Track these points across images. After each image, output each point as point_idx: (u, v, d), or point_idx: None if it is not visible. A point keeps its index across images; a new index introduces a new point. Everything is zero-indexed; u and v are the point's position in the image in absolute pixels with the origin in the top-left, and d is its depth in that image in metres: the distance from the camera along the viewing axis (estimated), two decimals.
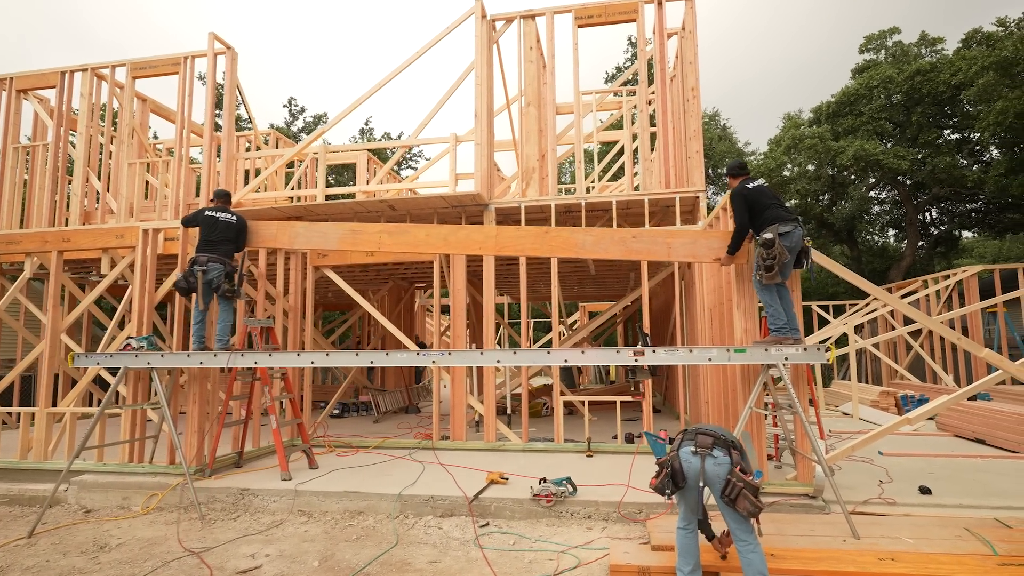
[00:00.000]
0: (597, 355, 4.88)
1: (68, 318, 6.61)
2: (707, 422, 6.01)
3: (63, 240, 6.46)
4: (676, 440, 3.47)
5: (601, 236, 5.25)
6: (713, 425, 3.59)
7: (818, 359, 4.45)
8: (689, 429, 3.47)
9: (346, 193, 9.96)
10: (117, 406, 6.04)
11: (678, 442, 3.43)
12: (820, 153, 13.40)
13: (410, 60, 7.38)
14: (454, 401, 7.30)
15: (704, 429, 3.41)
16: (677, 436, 3.51)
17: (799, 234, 4.67)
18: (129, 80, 8.72)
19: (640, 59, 7.43)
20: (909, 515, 4.52)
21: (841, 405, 11.18)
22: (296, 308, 7.83)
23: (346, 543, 4.65)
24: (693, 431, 3.42)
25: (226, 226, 5.66)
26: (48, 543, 4.84)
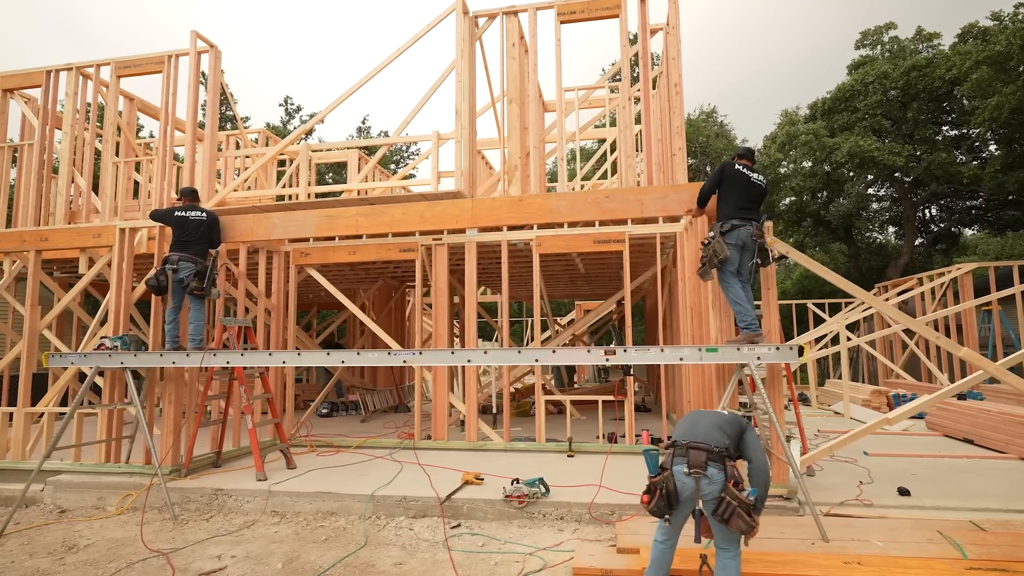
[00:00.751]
0: (569, 355, 4.82)
1: (46, 318, 6.59)
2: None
3: (41, 239, 6.44)
4: (667, 455, 3.20)
5: (575, 199, 5.25)
6: (704, 425, 3.24)
7: (790, 359, 4.38)
8: (679, 442, 3.18)
9: (335, 191, 9.93)
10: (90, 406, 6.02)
11: (670, 458, 3.16)
12: (815, 150, 13.29)
13: (389, 59, 7.33)
14: (436, 401, 7.26)
15: (696, 442, 3.13)
16: (667, 450, 3.23)
17: (747, 231, 4.67)
18: (114, 79, 8.69)
19: (623, 55, 7.35)
20: (884, 517, 4.45)
21: (834, 404, 11.09)
22: (279, 308, 7.80)
23: (314, 544, 4.61)
24: (684, 445, 3.15)
25: (196, 224, 5.62)
26: (16, 543, 4.82)
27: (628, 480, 5.37)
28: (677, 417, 7.94)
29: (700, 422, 3.27)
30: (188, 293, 5.53)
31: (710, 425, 3.24)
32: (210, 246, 5.72)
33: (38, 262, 6.50)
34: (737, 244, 4.68)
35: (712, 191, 4.96)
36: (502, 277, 7.22)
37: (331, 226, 5.81)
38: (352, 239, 7.65)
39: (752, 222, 4.73)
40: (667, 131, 7.50)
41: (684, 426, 3.30)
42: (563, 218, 5.26)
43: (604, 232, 6.97)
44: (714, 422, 3.27)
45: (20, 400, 6.32)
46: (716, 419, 3.28)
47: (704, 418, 3.30)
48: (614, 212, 5.21)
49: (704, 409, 3.47)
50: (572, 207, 5.21)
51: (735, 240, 4.65)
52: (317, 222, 5.82)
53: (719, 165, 4.99)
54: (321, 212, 5.78)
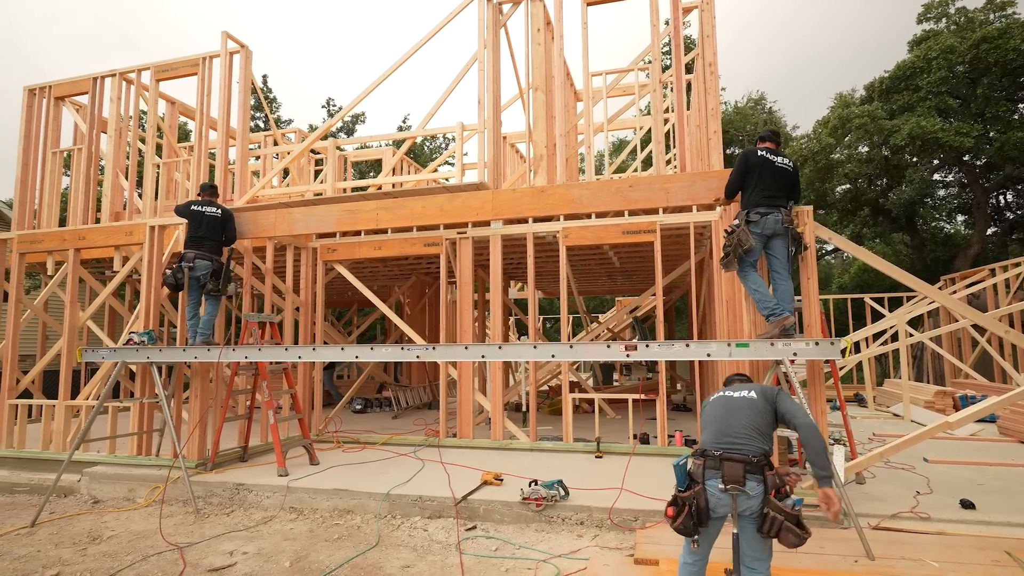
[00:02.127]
0: (586, 350, 4.55)
1: (85, 314, 6.82)
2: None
3: (79, 238, 6.65)
4: (697, 466, 2.79)
5: (598, 188, 4.98)
6: (738, 427, 2.82)
7: (831, 355, 3.95)
8: (711, 452, 2.77)
9: (363, 185, 9.93)
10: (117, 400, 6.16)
11: (700, 470, 2.76)
12: (871, 133, 12.34)
13: (411, 51, 7.21)
14: (461, 398, 7.10)
15: (731, 452, 2.73)
16: (697, 461, 2.81)
17: (775, 219, 4.34)
18: (153, 83, 8.94)
19: (653, 36, 6.96)
20: (943, 533, 3.97)
21: (893, 406, 10.30)
22: (307, 304, 7.83)
23: (326, 543, 4.51)
24: (716, 455, 2.74)
25: (212, 220, 5.65)
26: (47, 533, 4.95)
27: (655, 484, 5.04)
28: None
29: (733, 423, 2.83)
30: (205, 294, 5.56)
31: (746, 427, 2.80)
32: (225, 243, 5.74)
33: (77, 260, 6.72)
34: (763, 233, 4.38)
35: (739, 182, 4.63)
36: (528, 271, 6.98)
37: (352, 220, 5.73)
38: (377, 234, 7.59)
39: (780, 209, 4.39)
40: (703, 114, 7.07)
41: (714, 426, 2.87)
42: (586, 208, 4.98)
43: (633, 222, 6.63)
44: (750, 422, 2.81)
45: (61, 393, 6.56)
46: (751, 417, 2.81)
47: (736, 416, 2.83)
48: (639, 201, 4.90)
49: (730, 394, 2.97)
50: (595, 197, 4.92)
51: (760, 229, 4.38)
52: (338, 216, 5.75)
53: (742, 153, 4.62)
54: (342, 207, 5.71)
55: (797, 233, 4.43)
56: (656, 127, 6.79)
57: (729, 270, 4.51)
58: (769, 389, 2.90)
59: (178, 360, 5.55)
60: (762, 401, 2.83)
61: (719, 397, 2.96)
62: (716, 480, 2.70)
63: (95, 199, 9.22)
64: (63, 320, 6.58)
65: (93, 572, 4.07)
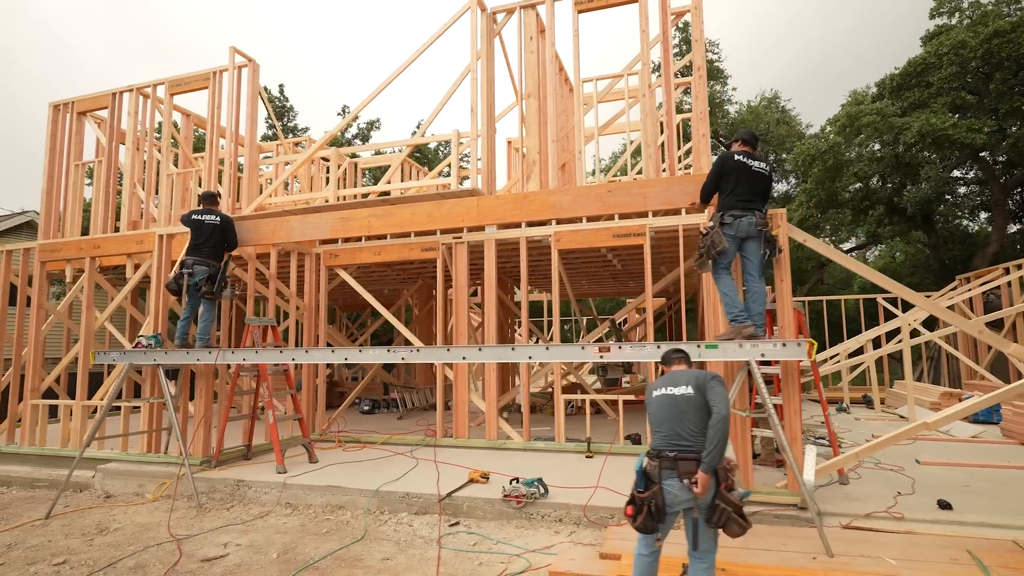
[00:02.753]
0: (562, 351, 4.67)
1: (100, 318, 7.19)
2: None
3: (94, 247, 7.02)
4: (653, 467, 2.93)
5: (578, 194, 5.13)
6: (688, 425, 2.95)
7: (796, 355, 4.03)
8: (665, 452, 2.92)
9: (369, 193, 10.19)
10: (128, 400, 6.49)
11: (657, 471, 2.91)
12: (881, 131, 12.15)
13: (407, 62, 7.42)
14: (457, 399, 7.27)
15: (684, 453, 2.89)
16: (652, 462, 2.94)
17: (749, 222, 4.40)
18: (167, 97, 9.33)
19: (643, 42, 7.06)
20: (912, 532, 4.00)
21: (900, 407, 10.16)
22: (310, 307, 8.09)
23: (314, 536, 4.73)
24: (672, 455, 2.90)
25: (211, 229, 5.92)
26: (59, 524, 5.27)
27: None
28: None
29: (683, 426, 2.95)
30: (200, 297, 5.84)
31: (694, 428, 2.93)
32: (226, 248, 6.00)
33: (93, 268, 7.09)
34: (737, 236, 4.44)
35: (714, 186, 4.70)
36: (521, 274, 7.13)
37: (345, 227, 5.95)
38: (377, 239, 7.82)
39: (755, 212, 4.45)
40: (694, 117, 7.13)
41: (665, 428, 2.99)
42: (566, 214, 5.13)
43: (623, 226, 6.72)
44: (696, 422, 2.93)
45: (78, 394, 6.93)
46: (696, 418, 2.93)
47: (685, 419, 2.94)
48: (617, 206, 5.02)
49: (673, 392, 3.09)
50: (575, 202, 5.06)
51: (734, 231, 4.44)
52: (332, 224, 5.98)
53: (718, 156, 4.70)
54: (336, 214, 5.94)
55: (771, 236, 4.50)
56: (646, 131, 6.88)
57: (703, 271, 4.61)
58: (702, 378, 3.02)
59: (181, 363, 5.84)
60: (699, 396, 2.96)
61: (664, 396, 3.06)
62: (673, 479, 2.86)
63: (114, 209, 9.66)
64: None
65: (96, 561, 4.35)
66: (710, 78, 21.36)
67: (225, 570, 4.12)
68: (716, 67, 21.23)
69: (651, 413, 3.08)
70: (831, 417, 9.74)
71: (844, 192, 13.89)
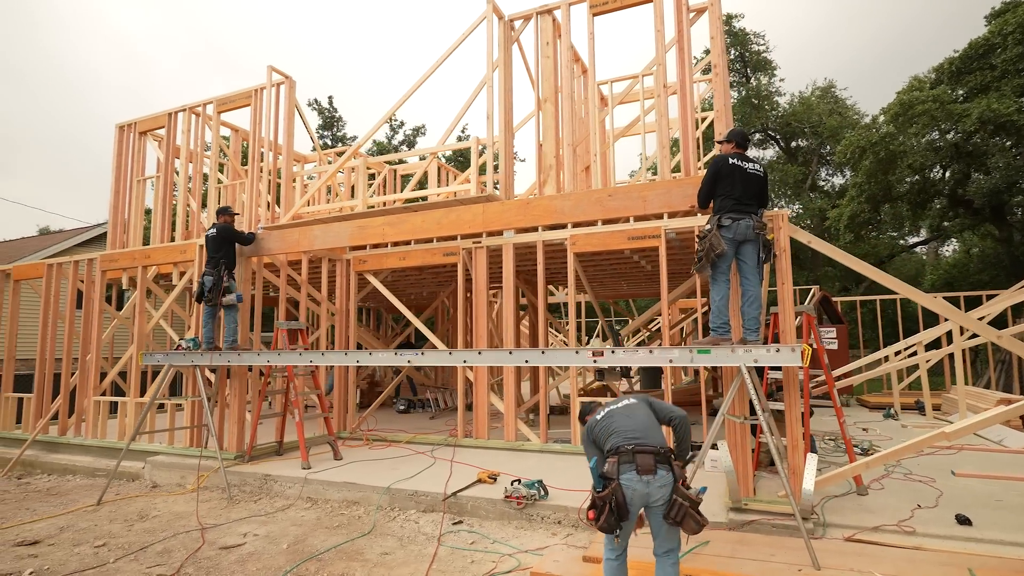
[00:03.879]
0: (557, 356, 4.72)
1: (150, 324, 7.82)
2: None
3: (145, 257, 7.65)
4: (611, 464, 2.93)
5: (579, 199, 5.18)
6: (641, 422, 3.05)
7: (790, 361, 3.92)
8: (623, 447, 2.94)
9: (396, 200, 10.53)
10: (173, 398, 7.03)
11: (615, 467, 2.91)
12: (938, 119, 11.36)
13: (428, 73, 7.65)
14: (476, 400, 7.43)
15: (641, 444, 2.94)
16: (611, 459, 2.95)
17: (746, 224, 4.29)
18: (215, 114, 9.99)
19: (658, 42, 6.97)
20: (920, 548, 3.81)
21: (954, 414, 9.50)
22: (342, 311, 8.48)
23: (326, 529, 5.00)
24: (629, 449, 2.93)
25: (211, 239, 6.34)
26: (107, 511, 5.81)
27: None
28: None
29: (635, 423, 3.03)
30: (205, 303, 6.25)
31: (647, 424, 3.03)
32: (223, 258, 6.32)
33: (144, 276, 7.72)
34: (734, 239, 4.38)
35: (710, 191, 4.63)
36: (538, 277, 7.20)
37: (362, 235, 6.23)
38: (402, 245, 8.09)
39: (751, 215, 4.37)
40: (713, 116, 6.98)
41: (619, 428, 3.03)
42: (568, 218, 5.18)
43: (639, 228, 6.65)
44: (648, 419, 3.06)
45: (131, 392, 7.56)
46: (646, 416, 3.06)
47: (635, 417, 3.04)
48: (617, 210, 5.03)
49: (615, 407, 3.18)
50: (576, 207, 5.11)
51: (732, 234, 4.36)
52: (350, 232, 6.28)
53: (713, 161, 4.62)
54: (353, 223, 6.23)
55: (767, 240, 4.40)
56: (660, 133, 6.81)
57: (702, 274, 4.55)
58: (643, 396, 3.13)
59: (214, 364, 6.29)
60: (645, 404, 3.00)
61: (612, 410, 3.14)
62: (631, 472, 2.88)
63: (170, 220, 10.43)
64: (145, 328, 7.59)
65: (131, 544, 4.78)
66: (757, 70, 20.63)
67: (239, 557, 4.44)
68: (763, 58, 20.47)
69: (601, 429, 3.10)
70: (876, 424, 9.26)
71: (900, 185, 13.08)
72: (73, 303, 8.55)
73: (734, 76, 20.96)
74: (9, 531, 5.27)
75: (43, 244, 17.80)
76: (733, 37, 19.89)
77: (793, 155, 20.87)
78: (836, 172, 20.07)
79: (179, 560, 4.40)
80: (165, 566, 4.30)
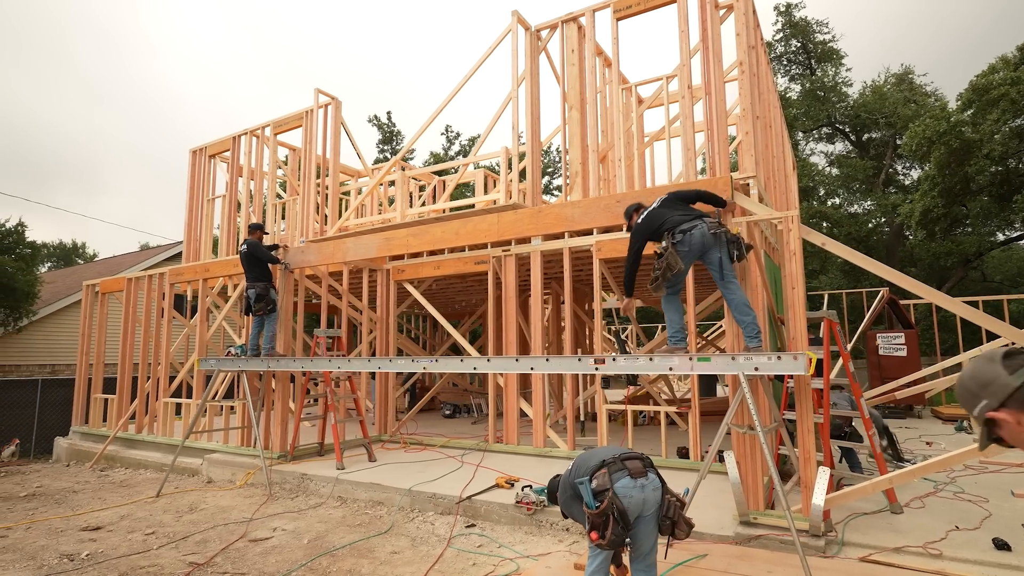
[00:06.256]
0: (560, 363, 4.74)
1: (209, 331, 8.51)
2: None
3: (205, 271, 8.35)
4: (601, 476, 2.93)
5: (588, 206, 5.22)
6: (611, 447, 3.23)
7: (793, 369, 3.76)
8: (607, 459, 2.99)
9: (431, 211, 10.84)
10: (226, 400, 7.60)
11: (606, 477, 2.91)
12: (1017, 103, 10.28)
13: (457, 88, 7.88)
14: (507, 406, 7.54)
15: (624, 453, 3.04)
16: (601, 472, 2.95)
17: (700, 231, 4.12)
18: (272, 136, 10.74)
19: (682, 43, 6.84)
20: (941, 572, 3.54)
21: None
22: (382, 319, 8.85)
23: (347, 527, 5.26)
24: (615, 458, 2.99)
25: (243, 256, 6.78)
26: (163, 502, 6.38)
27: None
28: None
29: (613, 445, 3.15)
30: (253, 315, 6.70)
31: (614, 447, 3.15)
32: (252, 272, 6.71)
33: (205, 288, 8.42)
34: (692, 250, 4.20)
35: (637, 258, 4.54)
36: (564, 284, 7.22)
37: (388, 247, 6.52)
38: (436, 255, 8.36)
39: (702, 219, 4.23)
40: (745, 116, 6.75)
41: (602, 451, 3.13)
42: (577, 226, 5.20)
43: None
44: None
45: (195, 394, 8.25)
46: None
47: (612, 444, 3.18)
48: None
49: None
50: (586, 214, 5.13)
51: (688, 247, 4.18)
52: (378, 244, 6.58)
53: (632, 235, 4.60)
54: (381, 235, 6.53)
55: (734, 237, 4.20)
56: (685, 135, 6.67)
57: (658, 292, 4.43)
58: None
59: (254, 369, 6.78)
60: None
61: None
62: (625, 478, 2.90)
63: (235, 235, 11.30)
64: (220, 336, 8.30)
65: (176, 534, 5.25)
66: (822, 61, 19.52)
67: (264, 550, 4.77)
68: (829, 48, 19.34)
69: (578, 467, 3.13)
70: (944, 437, 8.50)
71: (980, 176, 11.97)
72: (148, 313, 9.45)
73: (797, 68, 19.95)
74: (80, 518, 5.93)
75: (138, 259, 19.68)
76: (794, 28, 18.96)
77: (865, 148, 19.55)
78: (913, 165, 18.60)
79: (213, 550, 4.79)
80: (199, 555, 4.70)
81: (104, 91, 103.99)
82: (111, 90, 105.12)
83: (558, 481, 3.29)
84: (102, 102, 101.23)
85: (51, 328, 15.26)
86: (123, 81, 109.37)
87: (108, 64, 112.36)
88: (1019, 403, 1.18)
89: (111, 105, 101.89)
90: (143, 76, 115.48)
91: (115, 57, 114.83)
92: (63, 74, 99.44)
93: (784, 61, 20.11)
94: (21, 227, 14.62)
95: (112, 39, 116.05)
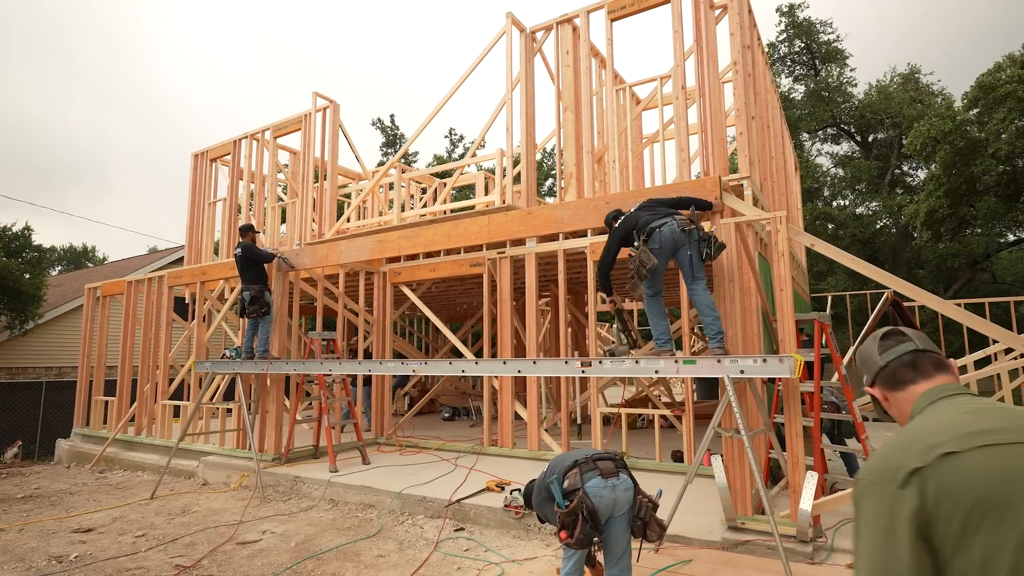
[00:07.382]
0: (547, 365, 4.70)
1: (207, 333, 8.55)
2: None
3: (202, 273, 8.39)
4: (575, 475, 2.93)
5: (577, 207, 5.21)
6: (586, 449, 3.26)
7: (779, 372, 3.70)
8: (579, 460, 3.01)
9: (426, 213, 10.84)
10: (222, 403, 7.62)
11: (578, 476, 2.91)
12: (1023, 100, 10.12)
13: (452, 91, 7.89)
14: (501, 409, 7.50)
15: (596, 453, 3.08)
16: (572, 471, 2.97)
17: (670, 229, 4.13)
18: (272, 139, 10.79)
19: (675, 44, 6.80)
20: None
21: None
22: (379, 321, 8.84)
23: (336, 531, 5.25)
24: (587, 459, 3.01)
25: (237, 258, 6.79)
26: (157, 504, 6.40)
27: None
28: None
29: (587, 447, 3.16)
30: (247, 316, 6.71)
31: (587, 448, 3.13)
32: (246, 275, 6.72)
33: (203, 291, 8.46)
34: (663, 247, 4.22)
35: (610, 262, 4.59)
36: (559, 286, 7.19)
37: (381, 249, 6.51)
38: (432, 257, 8.35)
39: (672, 217, 4.26)
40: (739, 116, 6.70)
41: (576, 452, 3.16)
42: (567, 227, 5.18)
43: None
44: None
45: (192, 396, 8.29)
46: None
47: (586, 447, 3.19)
48: None
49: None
50: (575, 216, 5.11)
51: (659, 244, 4.21)
52: (371, 247, 6.59)
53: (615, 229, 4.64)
54: (373, 238, 6.53)
55: (706, 235, 4.19)
56: (679, 136, 6.63)
57: (635, 292, 4.42)
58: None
59: (248, 371, 6.79)
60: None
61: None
62: (596, 477, 2.91)
63: (236, 238, 11.36)
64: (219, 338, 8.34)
65: (166, 536, 5.26)
66: (826, 61, 19.37)
67: (251, 553, 4.76)
68: (834, 48, 19.18)
69: (553, 468, 3.14)
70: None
71: (986, 176, 11.81)
72: (148, 316, 9.50)
73: (801, 69, 19.80)
74: (74, 519, 5.95)
75: (145, 263, 19.82)
76: (797, 28, 18.82)
77: (870, 149, 19.36)
78: (920, 165, 18.39)
79: (200, 553, 4.79)
80: (186, 557, 4.70)
81: (110, 94, 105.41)
82: (117, 93, 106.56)
83: (533, 485, 3.27)
84: (108, 105, 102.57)
85: (57, 331, 15.42)
86: (128, 84, 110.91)
87: (113, 67, 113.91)
88: (884, 381, 1.27)
89: (117, 108, 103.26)
90: (148, 79, 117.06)
91: (120, 60, 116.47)
92: (69, 78, 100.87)
93: (788, 62, 19.98)
94: (28, 231, 14.82)
95: (116, 42, 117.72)
